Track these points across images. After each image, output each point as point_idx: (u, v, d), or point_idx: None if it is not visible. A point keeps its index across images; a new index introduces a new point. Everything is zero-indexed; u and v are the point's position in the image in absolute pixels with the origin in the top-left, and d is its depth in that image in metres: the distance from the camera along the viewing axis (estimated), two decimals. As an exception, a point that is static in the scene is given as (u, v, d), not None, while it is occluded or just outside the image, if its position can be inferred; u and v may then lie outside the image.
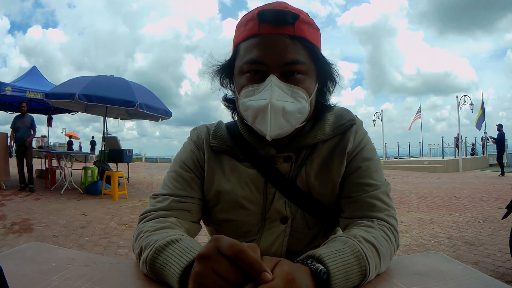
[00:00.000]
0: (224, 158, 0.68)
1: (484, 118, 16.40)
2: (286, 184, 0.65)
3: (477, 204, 5.22)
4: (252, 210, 0.66)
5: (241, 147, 0.67)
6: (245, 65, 0.59)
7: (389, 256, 0.56)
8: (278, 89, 0.57)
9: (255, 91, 0.58)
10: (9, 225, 3.47)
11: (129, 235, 3.32)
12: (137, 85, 6.03)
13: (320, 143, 0.66)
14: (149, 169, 12.54)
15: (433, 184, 7.92)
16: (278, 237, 0.65)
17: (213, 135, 0.70)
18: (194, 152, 0.69)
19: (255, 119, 0.59)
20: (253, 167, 0.66)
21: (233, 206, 0.66)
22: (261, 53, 0.57)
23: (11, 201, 4.80)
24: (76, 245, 2.95)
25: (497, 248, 2.97)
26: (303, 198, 0.65)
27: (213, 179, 0.67)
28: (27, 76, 7.47)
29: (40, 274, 0.51)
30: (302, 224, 0.66)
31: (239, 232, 0.67)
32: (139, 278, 0.52)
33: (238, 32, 0.63)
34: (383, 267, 0.54)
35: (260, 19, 0.58)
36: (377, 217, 0.61)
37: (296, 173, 0.65)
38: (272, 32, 0.57)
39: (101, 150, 6.35)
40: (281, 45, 0.57)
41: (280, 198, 0.65)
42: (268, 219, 0.66)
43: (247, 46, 0.60)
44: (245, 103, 0.60)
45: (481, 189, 6.90)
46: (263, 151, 0.65)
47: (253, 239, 0.66)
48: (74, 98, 5.04)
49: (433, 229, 3.72)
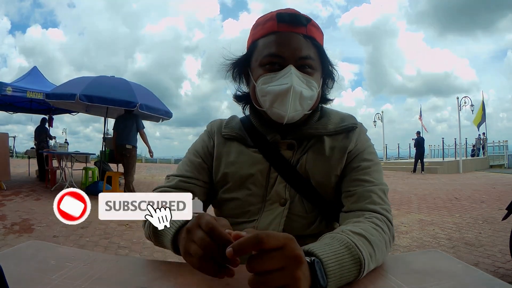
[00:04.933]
0: (233, 144, 0.76)
1: (484, 119, 16.41)
2: (287, 169, 0.70)
3: (478, 205, 5.21)
4: (254, 191, 0.71)
5: (250, 134, 0.75)
6: (265, 58, 0.68)
7: (384, 245, 0.57)
8: (297, 77, 0.65)
9: (272, 79, 0.66)
10: (9, 225, 3.47)
11: (129, 235, 3.32)
12: (137, 86, 6.03)
13: (325, 136, 0.72)
14: (150, 170, 12.55)
15: (434, 185, 7.91)
16: (276, 217, 0.69)
17: (225, 125, 0.78)
18: (205, 141, 0.78)
19: (273, 103, 0.67)
20: (259, 152, 0.73)
21: (238, 186, 0.72)
22: (280, 48, 0.66)
23: (12, 201, 4.80)
24: (76, 245, 2.95)
25: (497, 249, 2.96)
26: (302, 184, 0.70)
27: (220, 162, 0.75)
28: (28, 76, 7.47)
29: (40, 273, 0.51)
30: (299, 208, 0.70)
31: (240, 211, 0.72)
32: (139, 276, 0.52)
33: (256, 30, 0.71)
34: (379, 256, 0.54)
35: (279, 19, 0.67)
36: (372, 209, 0.63)
37: (298, 160, 0.71)
38: (289, 31, 0.67)
39: (101, 150, 6.35)
40: (297, 42, 0.67)
41: (281, 182, 0.71)
42: (269, 200, 0.71)
43: (266, 42, 0.68)
44: (264, 89, 0.67)
45: (481, 190, 6.89)
46: (270, 137, 0.73)
47: (253, 219, 0.71)
48: (75, 99, 5.03)
49: (433, 230, 3.72)
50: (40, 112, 8.67)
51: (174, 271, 0.56)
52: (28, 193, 5.53)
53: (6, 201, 4.74)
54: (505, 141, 18.62)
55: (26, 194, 5.40)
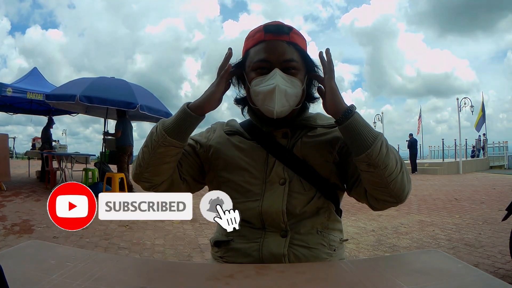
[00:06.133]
0: (234, 137, 0.85)
1: (484, 120, 16.40)
2: (284, 153, 0.80)
3: (477, 206, 5.21)
4: (255, 174, 0.79)
5: (248, 130, 0.85)
6: (255, 64, 0.78)
7: (395, 155, 0.71)
8: (281, 77, 0.75)
9: (262, 81, 0.76)
10: (9, 226, 3.46)
11: (129, 236, 3.32)
12: (137, 87, 6.02)
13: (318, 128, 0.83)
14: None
15: (434, 186, 7.91)
16: (278, 196, 0.76)
17: (227, 124, 0.89)
18: (204, 133, 0.89)
19: (264, 101, 0.76)
20: (257, 143, 0.82)
21: (238, 169, 0.80)
22: (267, 54, 0.77)
23: (12, 202, 4.79)
24: (76, 246, 2.94)
25: (497, 250, 2.96)
26: (298, 164, 0.79)
27: (221, 150, 0.83)
28: (28, 77, 7.46)
29: (40, 272, 0.51)
30: (298, 186, 0.78)
31: (241, 191, 0.78)
32: (139, 276, 0.52)
33: (248, 41, 0.82)
34: (392, 153, 0.70)
35: (265, 30, 0.79)
36: None
37: (293, 144, 0.80)
38: (274, 39, 0.78)
39: (101, 151, 6.35)
40: (281, 47, 0.78)
41: (279, 165, 0.79)
42: (269, 182, 0.78)
43: (256, 50, 0.79)
44: (256, 90, 0.77)
45: (481, 191, 6.88)
46: (265, 128, 0.83)
47: (256, 198, 0.77)
48: (75, 99, 5.03)
49: (433, 231, 3.71)
50: (40, 113, 8.67)
51: (174, 271, 0.56)
52: (28, 194, 5.53)
53: (6, 202, 4.73)
54: (505, 142, 18.61)
55: (26, 195, 5.39)
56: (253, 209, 0.75)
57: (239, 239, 0.78)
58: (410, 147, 12.91)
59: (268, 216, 0.75)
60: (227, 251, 0.79)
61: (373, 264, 0.58)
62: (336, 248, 0.80)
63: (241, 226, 0.76)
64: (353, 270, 0.58)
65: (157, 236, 3.30)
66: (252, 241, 0.76)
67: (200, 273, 0.46)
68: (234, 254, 0.78)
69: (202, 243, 3.14)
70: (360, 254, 2.94)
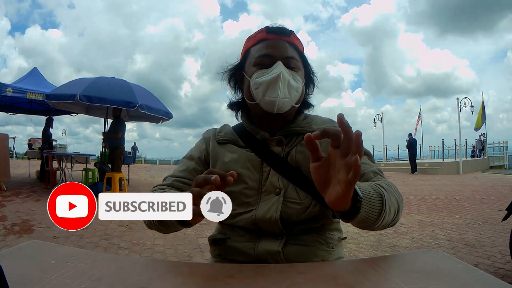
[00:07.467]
0: (227, 146, 0.83)
1: (484, 120, 16.40)
2: (278, 162, 0.78)
3: (478, 206, 5.21)
4: (250, 184, 0.78)
5: (241, 137, 0.84)
6: (257, 59, 0.78)
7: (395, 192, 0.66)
8: (284, 69, 0.75)
9: (264, 73, 0.76)
10: (9, 226, 3.46)
11: (129, 236, 3.32)
12: (137, 87, 6.03)
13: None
14: (150, 171, 12.54)
15: (434, 186, 7.91)
16: (272, 205, 0.75)
17: (219, 132, 0.88)
18: (200, 147, 0.87)
19: (265, 92, 0.76)
20: (251, 151, 0.80)
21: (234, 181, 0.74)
22: (269, 49, 0.78)
23: (12, 202, 4.79)
24: (76, 246, 2.94)
25: (497, 250, 2.96)
26: (293, 173, 0.77)
27: (216, 163, 0.82)
28: (28, 77, 7.46)
29: (40, 273, 0.51)
30: (293, 195, 0.76)
31: (238, 202, 0.77)
32: (139, 276, 0.52)
33: (248, 42, 0.83)
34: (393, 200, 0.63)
35: (268, 30, 0.80)
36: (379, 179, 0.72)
37: (288, 153, 0.79)
38: (276, 38, 0.79)
39: (101, 151, 6.35)
40: (283, 45, 0.79)
41: (274, 174, 0.77)
42: (264, 192, 0.77)
43: (258, 47, 0.80)
44: (258, 81, 0.77)
45: (481, 191, 6.88)
46: (259, 136, 0.82)
47: (250, 209, 0.76)
48: (74, 99, 5.03)
49: (433, 231, 3.72)
50: (40, 113, 8.67)
51: (174, 271, 0.56)
52: (28, 194, 5.53)
53: (6, 202, 4.73)
54: (505, 142, 18.61)
55: (26, 195, 5.40)
56: (248, 218, 0.75)
57: (236, 237, 0.78)
58: (409, 147, 12.94)
59: (263, 224, 0.75)
60: (224, 249, 0.79)
61: (373, 264, 0.57)
62: (335, 246, 0.79)
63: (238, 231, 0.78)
64: (353, 270, 0.58)
65: (157, 236, 3.30)
66: (248, 240, 0.76)
67: (200, 273, 0.46)
68: (230, 252, 0.78)
69: (202, 243, 3.14)
70: (360, 254, 2.94)
